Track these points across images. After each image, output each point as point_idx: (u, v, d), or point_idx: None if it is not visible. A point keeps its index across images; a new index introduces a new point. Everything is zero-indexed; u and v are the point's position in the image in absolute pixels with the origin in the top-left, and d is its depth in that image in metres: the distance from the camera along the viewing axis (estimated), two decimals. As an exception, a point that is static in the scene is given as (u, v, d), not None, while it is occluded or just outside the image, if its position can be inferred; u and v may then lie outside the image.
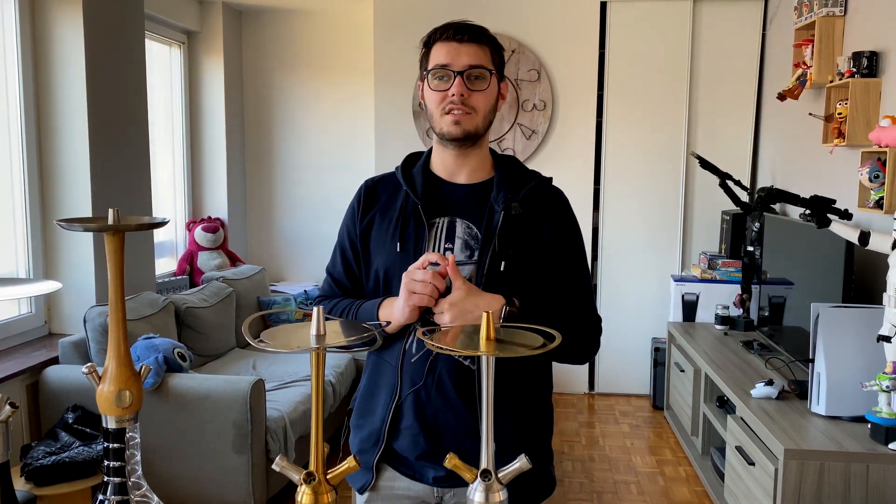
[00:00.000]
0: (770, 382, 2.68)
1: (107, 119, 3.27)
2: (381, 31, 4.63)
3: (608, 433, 4.06)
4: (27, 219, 3.14)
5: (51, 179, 3.18)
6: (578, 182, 4.55)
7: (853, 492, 2.20)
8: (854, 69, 2.96)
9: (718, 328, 3.86)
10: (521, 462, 0.99)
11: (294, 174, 5.22)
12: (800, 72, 3.44)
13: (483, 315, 0.96)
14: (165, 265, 4.64)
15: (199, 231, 4.70)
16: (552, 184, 1.49)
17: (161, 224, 1.06)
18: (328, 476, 0.98)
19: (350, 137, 5.12)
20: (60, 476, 2.51)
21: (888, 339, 2.18)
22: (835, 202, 2.86)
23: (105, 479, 1.04)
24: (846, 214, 2.88)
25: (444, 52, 1.37)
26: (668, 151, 4.55)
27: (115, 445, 1.03)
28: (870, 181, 2.63)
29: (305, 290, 4.76)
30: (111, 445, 1.03)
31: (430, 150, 1.49)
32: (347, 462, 1.01)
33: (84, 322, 2.97)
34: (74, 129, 3.15)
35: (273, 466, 0.99)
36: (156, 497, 1.07)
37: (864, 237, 2.32)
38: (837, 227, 2.45)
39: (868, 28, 3.05)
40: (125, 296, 1.05)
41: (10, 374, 2.75)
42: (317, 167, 5.19)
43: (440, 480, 1.40)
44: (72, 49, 3.12)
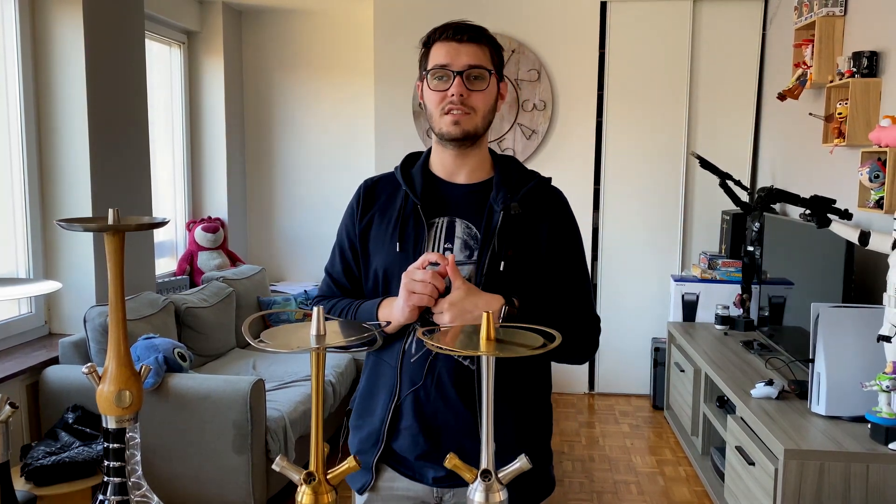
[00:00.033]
0: (770, 382, 2.68)
1: (107, 119, 3.27)
2: (381, 31, 4.63)
3: (608, 433, 4.05)
4: (27, 219, 3.14)
5: (51, 179, 3.18)
6: (578, 182, 4.55)
7: (853, 492, 2.20)
8: (854, 69, 2.96)
9: (718, 328, 3.86)
10: (521, 462, 0.99)
11: (294, 174, 5.22)
12: (800, 72, 3.44)
13: (483, 315, 0.96)
14: (165, 265, 4.64)
15: (199, 231, 4.70)
16: (551, 184, 1.49)
17: (161, 224, 1.06)
18: (328, 476, 0.98)
19: (350, 137, 5.12)
20: (60, 476, 2.51)
21: (888, 339, 2.18)
22: (835, 202, 2.86)
23: (105, 479, 1.04)
24: (846, 214, 2.88)
25: (444, 53, 1.37)
26: (668, 151, 4.55)
27: (115, 445, 1.03)
28: (870, 181, 2.63)
29: (305, 290, 4.76)
30: (111, 445, 1.03)
31: (430, 150, 1.49)
32: (347, 462, 1.01)
33: (84, 322, 2.98)
34: (74, 129, 3.15)
35: (273, 466, 0.99)
36: (156, 497, 1.07)
37: (865, 237, 2.32)
38: (837, 227, 2.45)
39: (868, 28, 3.05)
40: (125, 296, 1.05)
41: (10, 374, 2.75)
42: (317, 167, 5.19)
43: (440, 481, 1.40)
44: (72, 49, 3.12)
